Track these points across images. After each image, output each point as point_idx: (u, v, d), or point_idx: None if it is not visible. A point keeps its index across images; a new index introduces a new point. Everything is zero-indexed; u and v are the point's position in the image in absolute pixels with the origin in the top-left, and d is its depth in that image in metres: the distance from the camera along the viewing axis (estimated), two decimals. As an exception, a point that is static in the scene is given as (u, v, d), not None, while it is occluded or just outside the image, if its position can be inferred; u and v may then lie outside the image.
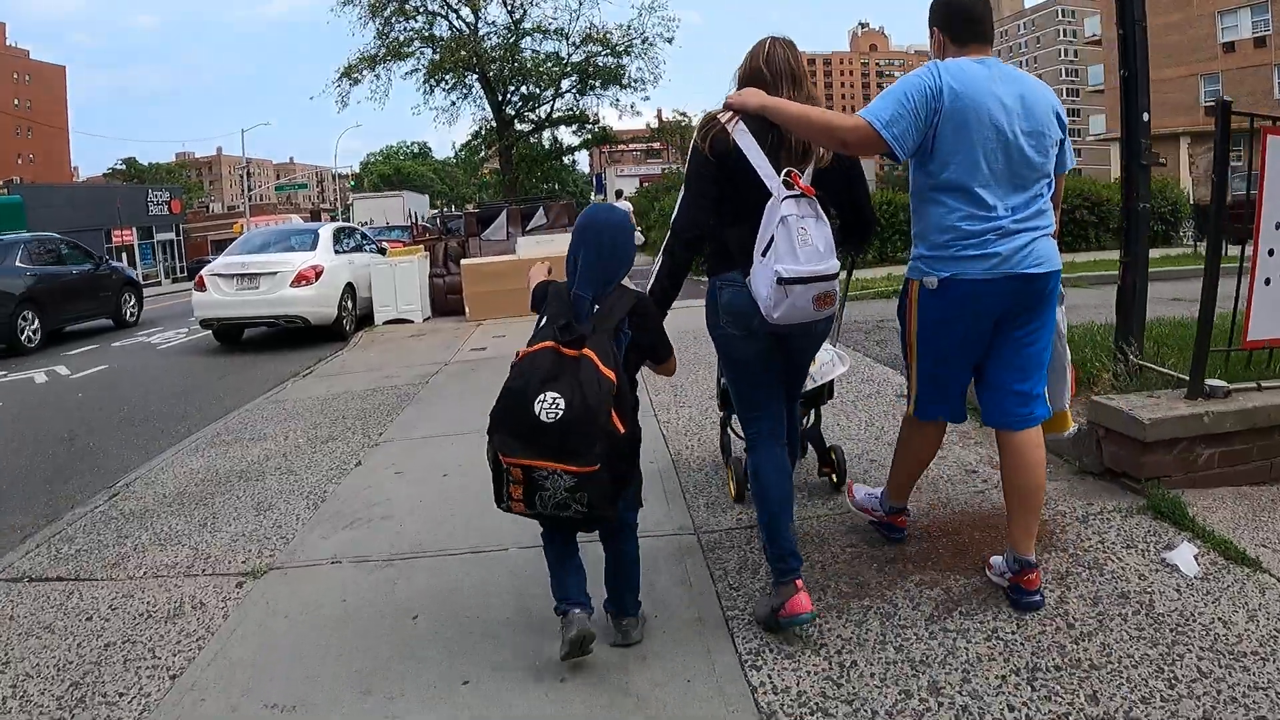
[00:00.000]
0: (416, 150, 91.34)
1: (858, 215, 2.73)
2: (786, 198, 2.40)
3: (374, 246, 12.89)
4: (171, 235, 51.30)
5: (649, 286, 2.69)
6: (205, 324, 10.88)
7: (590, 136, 28.82)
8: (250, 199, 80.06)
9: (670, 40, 25.93)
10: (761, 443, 2.69)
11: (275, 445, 5.35)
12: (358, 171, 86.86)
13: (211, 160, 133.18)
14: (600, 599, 2.54)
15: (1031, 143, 2.48)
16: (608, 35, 25.59)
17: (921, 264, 2.61)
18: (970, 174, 2.47)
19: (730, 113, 2.52)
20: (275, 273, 10.42)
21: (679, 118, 27.84)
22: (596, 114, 28.04)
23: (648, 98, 31.63)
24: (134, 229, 45.24)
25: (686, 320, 3.90)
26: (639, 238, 27.15)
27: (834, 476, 3.68)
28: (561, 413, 2.16)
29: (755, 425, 2.72)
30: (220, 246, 31.48)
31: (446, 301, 11.30)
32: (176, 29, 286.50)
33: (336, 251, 11.33)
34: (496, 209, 12.92)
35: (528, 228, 12.21)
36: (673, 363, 2.64)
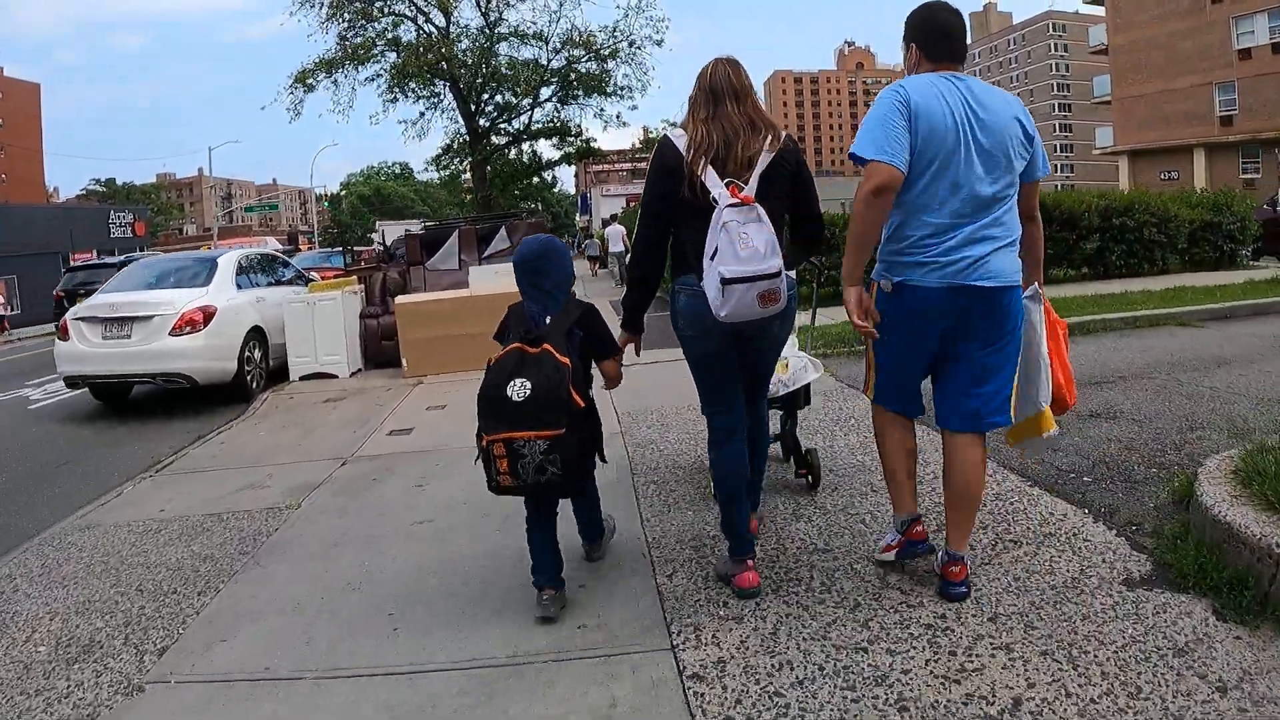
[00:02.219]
0: (398, 171, 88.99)
1: (807, 215, 2.98)
2: (728, 205, 2.62)
3: (299, 278, 10.41)
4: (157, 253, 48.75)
5: (622, 319, 3.12)
6: (70, 382, 8.35)
7: (572, 150, 26.10)
8: (230, 220, 77.68)
9: (660, 43, 23.43)
10: (720, 438, 3.00)
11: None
12: (335, 192, 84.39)
13: (192, 181, 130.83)
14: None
15: (990, 155, 2.60)
16: (591, 39, 23.15)
17: (881, 266, 2.79)
18: (926, 185, 2.60)
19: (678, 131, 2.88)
20: (151, 317, 7.91)
21: (669, 127, 25.42)
22: (579, 126, 25.60)
23: (635, 107, 28.63)
24: (94, 252, 42.71)
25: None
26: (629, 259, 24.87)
27: (809, 478, 3.93)
28: (529, 392, 2.65)
29: (715, 419, 3.02)
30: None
31: (382, 349, 8.75)
32: (162, 49, 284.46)
33: (241, 286, 8.83)
34: (446, 230, 10.45)
35: (485, 253, 9.74)
36: (613, 366, 3.10)
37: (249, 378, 8.43)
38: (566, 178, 75.98)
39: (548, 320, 2.85)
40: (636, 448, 4.97)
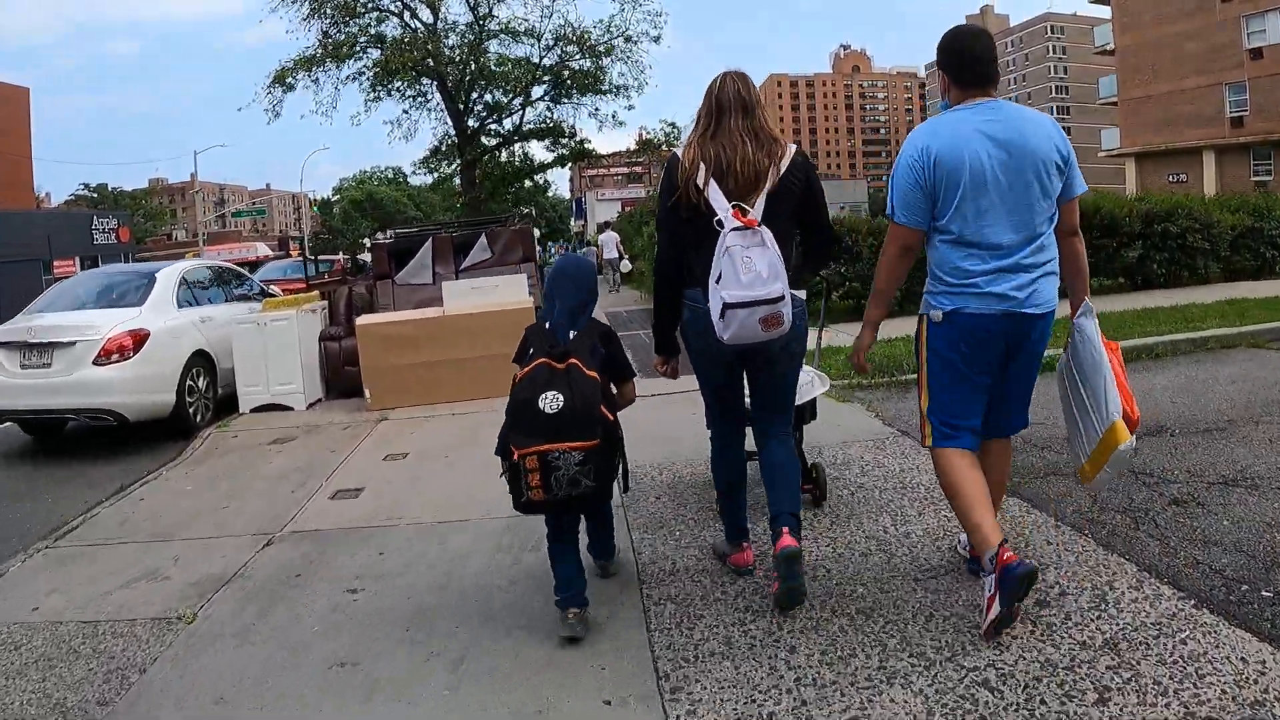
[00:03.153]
0: (391, 175, 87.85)
1: (816, 232, 2.92)
2: (732, 230, 2.60)
3: (259, 294, 9.30)
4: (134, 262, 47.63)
5: (654, 343, 3.18)
6: (-14, 417, 7.23)
7: (566, 152, 24.73)
8: (223, 224, 76.20)
9: (657, 39, 22.22)
10: (719, 441, 3.13)
11: None
12: (326, 197, 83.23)
13: (185, 186, 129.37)
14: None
15: (1025, 182, 2.61)
16: (585, 34, 21.88)
17: (930, 298, 2.79)
18: (964, 220, 2.64)
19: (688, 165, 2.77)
20: (73, 343, 6.78)
21: (668, 129, 23.90)
22: (573, 126, 24.19)
23: (632, 106, 27.17)
24: (76, 260, 41.47)
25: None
26: (625, 265, 22.95)
27: (815, 494, 3.81)
28: (562, 405, 2.62)
29: (716, 425, 3.14)
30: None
31: (345, 375, 7.60)
32: (156, 54, 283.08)
33: (184, 304, 7.72)
34: (418, 239, 9.06)
35: (463, 265, 8.62)
36: (631, 390, 3.13)
37: (192, 410, 7.32)
38: (562, 182, 74.88)
39: (571, 335, 2.86)
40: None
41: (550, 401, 2.62)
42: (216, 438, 6.85)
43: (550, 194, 71.91)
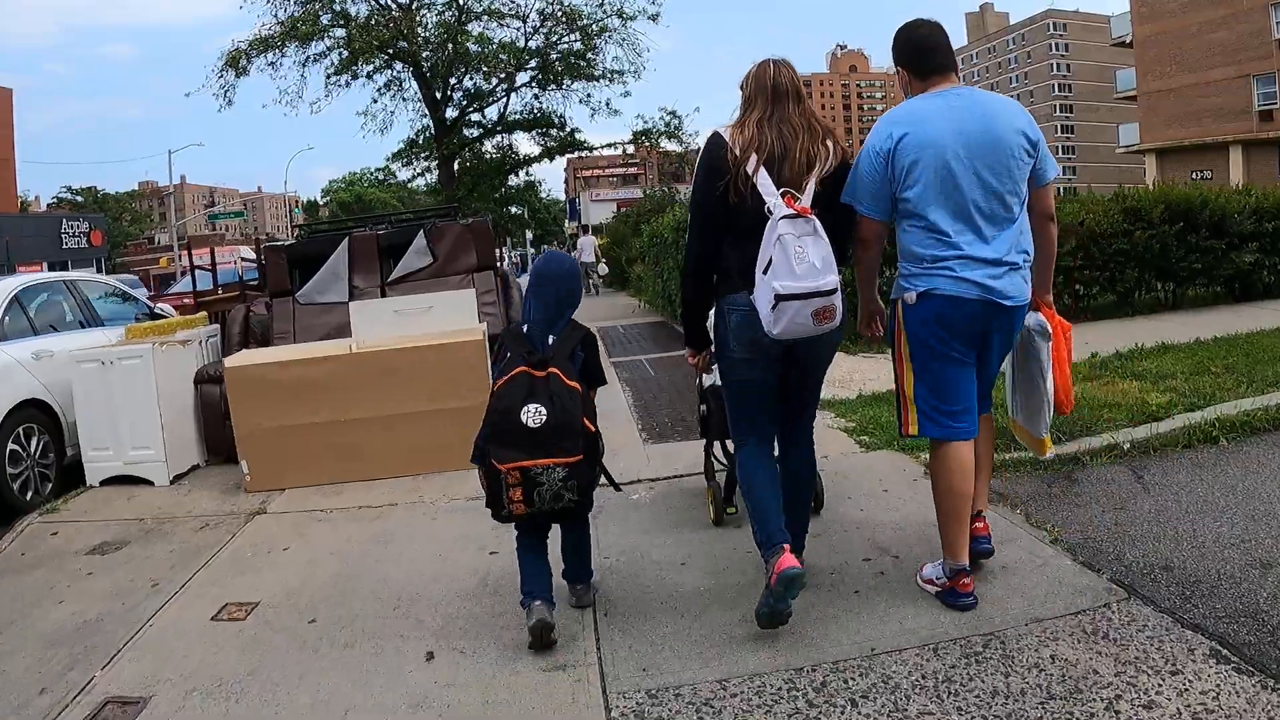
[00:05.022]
0: (381, 177, 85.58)
1: (847, 223, 2.78)
2: (783, 217, 2.49)
3: (145, 313, 7.11)
4: (91, 271, 45.22)
5: (685, 336, 3.03)
6: None
7: (554, 144, 22.00)
8: (215, 228, 73.74)
9: (655, 18, 19.73)
10: (755, 460, 2.87)
11: None
12: (312, 199, 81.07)
13: (172, 189, 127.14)
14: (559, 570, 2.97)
15: (992, 169, 2.60)
16: (574, 12, 19.35)
17: (902, 281, 2.77)
18: (930, 205, 2.62)
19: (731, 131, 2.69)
20: None
21: (667, 117, 21.28)
22: (563, 116, 21.63)
23: (628, 93, 24.36)
24: (43, 264, 39.22)
25: None
26: (603, 268, 21.47)
27: (814, 503, 3.66)
28: (545, 418, 2.58)
29: (750, 442, 2.90)
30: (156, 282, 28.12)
31: (228, 433, 5.41)
32: (150, 58, 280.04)
33: (11, 335, 5.58)
34: (330, 239, 6.58)
35: (392, 276, 6.28)
36: (593, 396, 2.92)
37: (18, 484, 5.20)
38: (556, 182, 72.79)
39: (550, 340, 2.78)
40: None
41: (533, 415, 2.59)
42: (33, 534, 4.70)
43: (545, 195, 69.61)
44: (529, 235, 51.30)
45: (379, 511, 4.39)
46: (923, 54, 2.71)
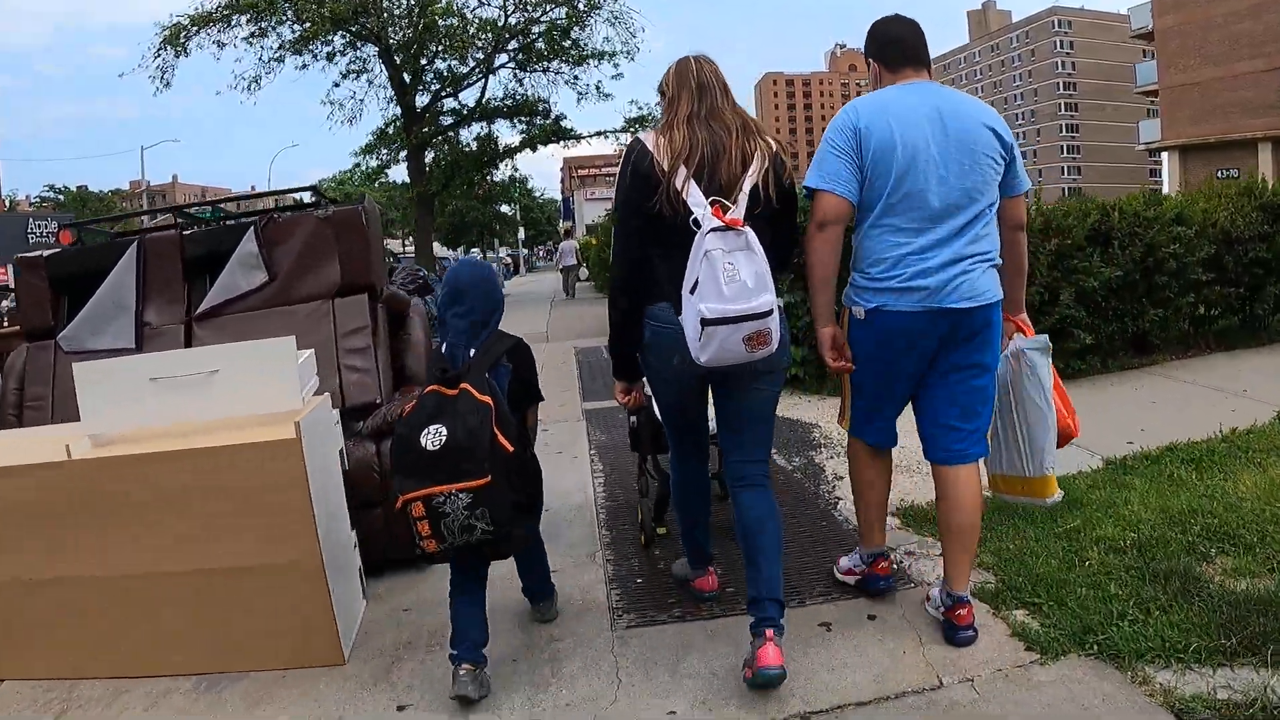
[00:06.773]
0: (371, 175, 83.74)
1: (785, 236, 2.53)
2: (711, 230, 2.20)
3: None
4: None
5: (612, 366, 2.68)
6: None
7: (538, 133, 19.52)
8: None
9: None
10: (683, 472, 2.72)
11: None
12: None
13: (165, 188, 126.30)
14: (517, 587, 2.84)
15: (959, 167, 2.43)
16: None
17: (853, 293, 2.59)
18: (892, 204, 2.44)
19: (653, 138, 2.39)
20: None
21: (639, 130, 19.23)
22: (547, 102, 19.41)
23: (620, 75, 21.64)
24: (8, 266, 37.20)
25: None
26: (584, 272, 20.29)
27: None
28: (445, 439, 2.23)
29: (679, 454, 2.72)
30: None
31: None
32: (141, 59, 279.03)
33: None
34: (114, 249, 3.95)
35: (202, 307, 3.77)
36: (531, 417, 2.63)
37: None
38: (550, 182, 70.91)
39: (471, 354, 2.45)
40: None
41: (432, 437, 2.24)
42: None
43: (540, 195, 67.63)
44: (521, 234, 49.16)
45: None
46: (896, 46, 2.57)
